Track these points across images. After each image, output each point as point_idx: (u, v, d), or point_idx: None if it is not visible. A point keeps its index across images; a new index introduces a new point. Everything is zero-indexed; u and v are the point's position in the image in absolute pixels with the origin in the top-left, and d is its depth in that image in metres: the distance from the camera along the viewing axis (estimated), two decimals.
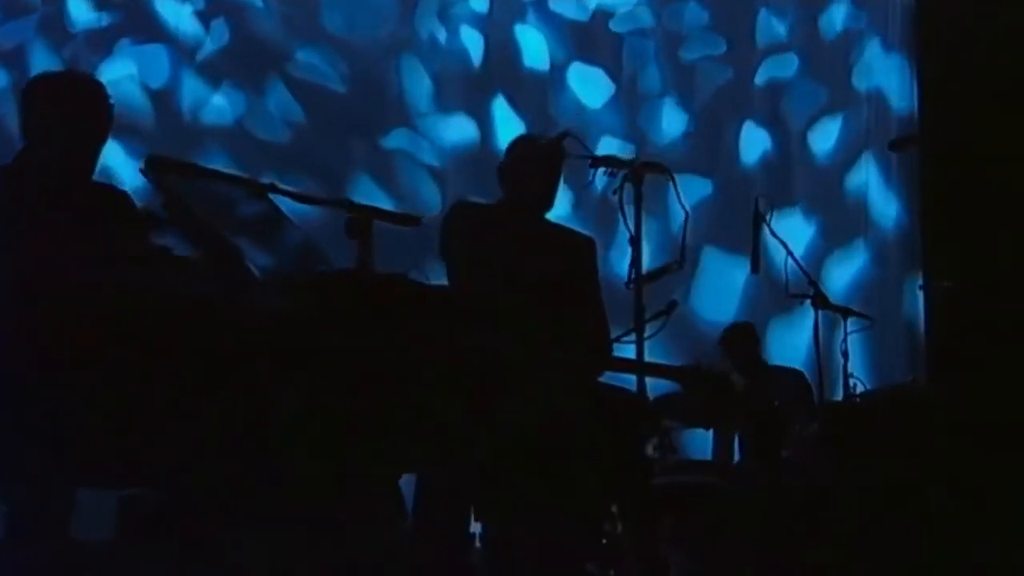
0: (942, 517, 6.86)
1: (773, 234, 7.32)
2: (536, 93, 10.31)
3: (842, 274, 10.31)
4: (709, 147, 10.45)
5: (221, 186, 4.50)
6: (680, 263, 5.38)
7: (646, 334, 5.11)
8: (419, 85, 10.01)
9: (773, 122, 10.65)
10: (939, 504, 6.84)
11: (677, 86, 10.56)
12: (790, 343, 9.36)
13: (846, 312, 7.65)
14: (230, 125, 9.54)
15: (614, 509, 7.18)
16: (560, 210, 5.77)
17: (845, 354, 7.46)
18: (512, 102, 10.26)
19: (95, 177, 4.90)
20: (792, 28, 10.79)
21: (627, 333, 5.48)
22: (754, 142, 10.56)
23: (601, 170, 5.19)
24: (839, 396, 7.63)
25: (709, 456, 8.16)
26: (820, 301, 7.45)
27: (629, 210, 5.12)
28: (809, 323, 7.46)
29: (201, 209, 4.43)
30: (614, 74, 10.53)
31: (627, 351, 5.14)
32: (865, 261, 10.44)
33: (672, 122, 10.48)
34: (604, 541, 5.94)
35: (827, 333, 7.54)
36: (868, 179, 10.55)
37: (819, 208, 10.50)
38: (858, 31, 10.81)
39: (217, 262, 4.30)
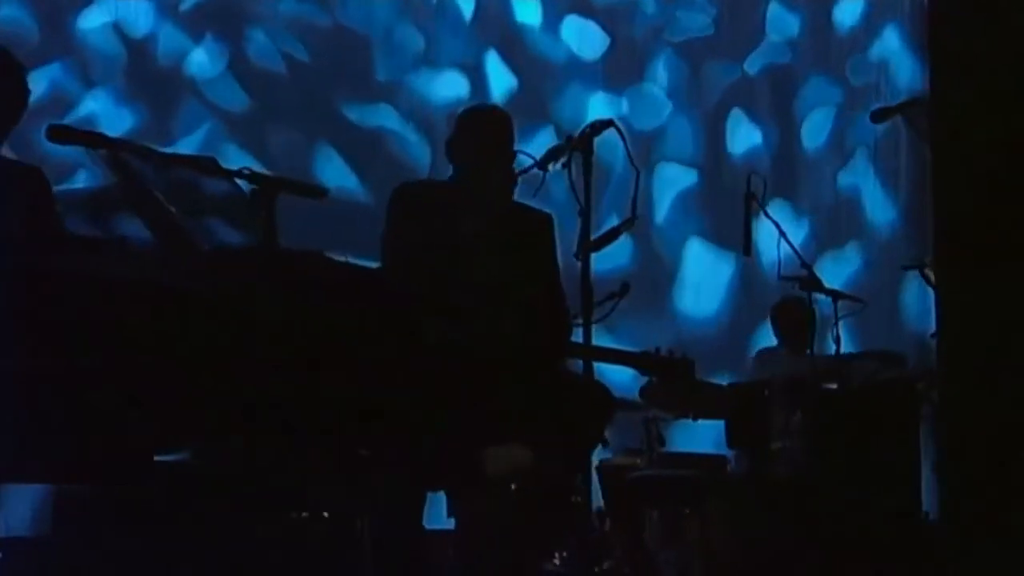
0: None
1: (766, 214, 7.13)
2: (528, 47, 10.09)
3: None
4: (695, 133, 10.26)
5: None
6: (631, 222, 5.11)
7: (595, 318, 4.92)
8: (410, 40, 9.79)
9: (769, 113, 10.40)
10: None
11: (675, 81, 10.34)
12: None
13: (837, 295, 7.31)
14: (211, 77, 9.34)
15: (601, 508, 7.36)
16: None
17: (837, 339, 7.22)
18: (505, 57, 10.03)
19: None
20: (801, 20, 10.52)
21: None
22: (745, 133, 10.32)
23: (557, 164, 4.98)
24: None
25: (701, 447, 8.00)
26: (812, 284, 7.24)
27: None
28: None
29: (162, 188, 4.33)
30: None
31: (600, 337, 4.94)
32: (859, 261, 10.20)
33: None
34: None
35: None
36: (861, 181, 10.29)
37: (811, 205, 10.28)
38: (868, 24, 10.52)
39: (166, 241, 4.20)
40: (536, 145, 5.28)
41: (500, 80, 9.92)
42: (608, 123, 4.97)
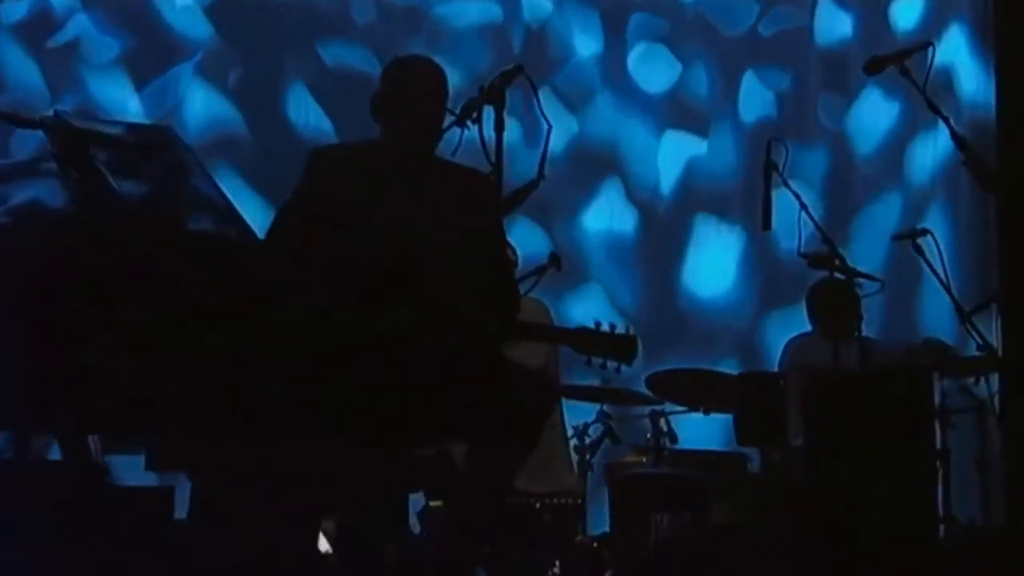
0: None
1: (786, 184, 6.64)
2: None
3: None
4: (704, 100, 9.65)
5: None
6: (537, 182, 4.88)
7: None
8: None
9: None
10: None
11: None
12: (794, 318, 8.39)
13: (853, 274, 6.60)
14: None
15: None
16: None
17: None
18: None
19: None
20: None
21: None
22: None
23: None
24: None
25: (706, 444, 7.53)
26: (835, 262, 6.64)
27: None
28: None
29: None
30: None
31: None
32: None
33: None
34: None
35: None
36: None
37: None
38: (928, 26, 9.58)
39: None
40: None
41: None
42: (518, 70, 4.66)
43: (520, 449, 4.55)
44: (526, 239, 8.95)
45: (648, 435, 7.02)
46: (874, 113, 9.40)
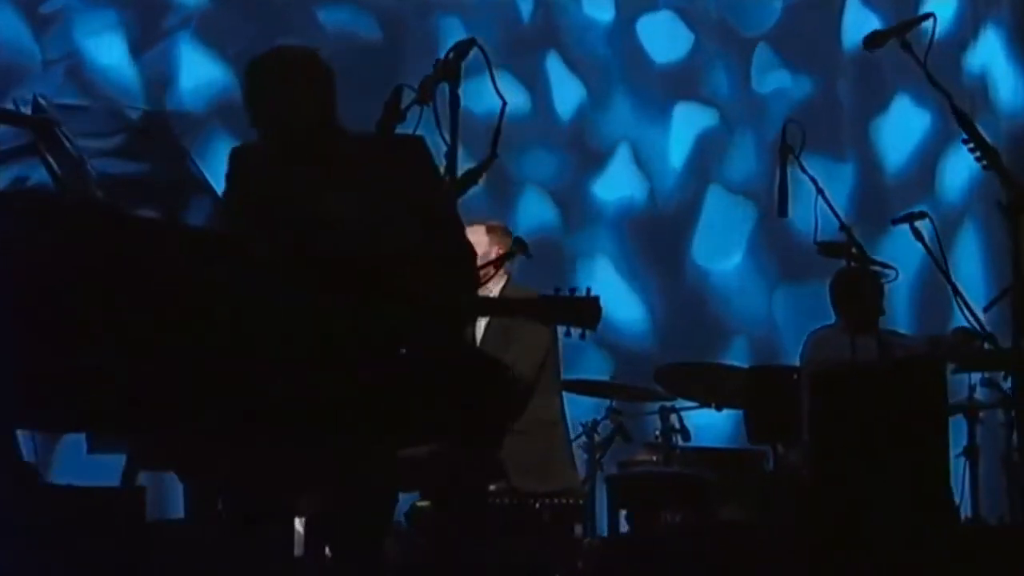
0: None
1: (803, 169, 6.26)
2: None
3: None
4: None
5: None
6: (491, 161, 4.50)
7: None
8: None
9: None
10: None
11: None
12: (809, 298, 8.19)
13: (871, 263, 6.34)
14: None
15: None
16: None
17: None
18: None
19: None
20: None
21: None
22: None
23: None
24: None
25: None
26: (840, 250, 6.31)
27: None
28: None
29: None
30: None
31: None
32: None
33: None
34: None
35: None
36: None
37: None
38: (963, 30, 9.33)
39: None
40: None
41: None
42: (471, 43, 4.44)
43: (480, 448, 4.26)
44: (534, 209, 9.06)
45: (656, 432, 6.78)
46: (905, 121, 9.19)
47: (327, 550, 4.58)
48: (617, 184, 9.14)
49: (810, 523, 5.46)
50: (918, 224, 6.22)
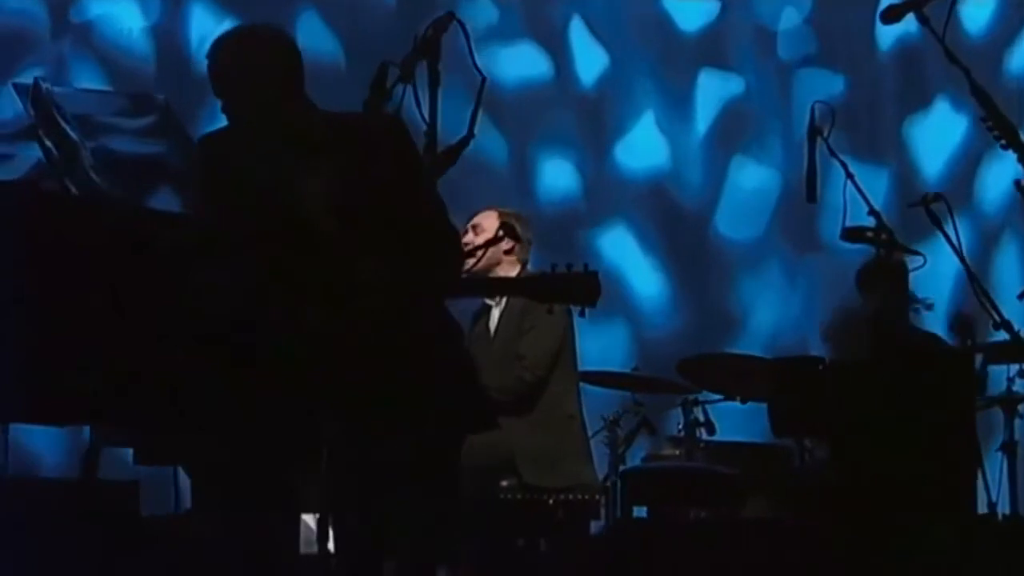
0: None
1: (831, 152, 6.11)
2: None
3: None
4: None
5: None
6: (468, 139, 4.37)
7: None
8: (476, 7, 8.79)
9: None
10: None
11: None
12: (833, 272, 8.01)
13: (899, 249, 6.14)
14: None
15: None
16: None
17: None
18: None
19: None
20: None
21: None
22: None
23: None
24: None
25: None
26: (881, 236, 6.04)
27: None
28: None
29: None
30: None
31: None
32: None
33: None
34: None
35: None
36: None
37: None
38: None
39: None
40: None
41: None
42: (449, 18, 4.35)
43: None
44: (555, 178, 8.90)
45: (679, 426, 6.61)
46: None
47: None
48: (640, 153, 8.98)
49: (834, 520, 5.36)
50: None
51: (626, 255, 8.79)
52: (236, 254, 3.89)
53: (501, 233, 5.57)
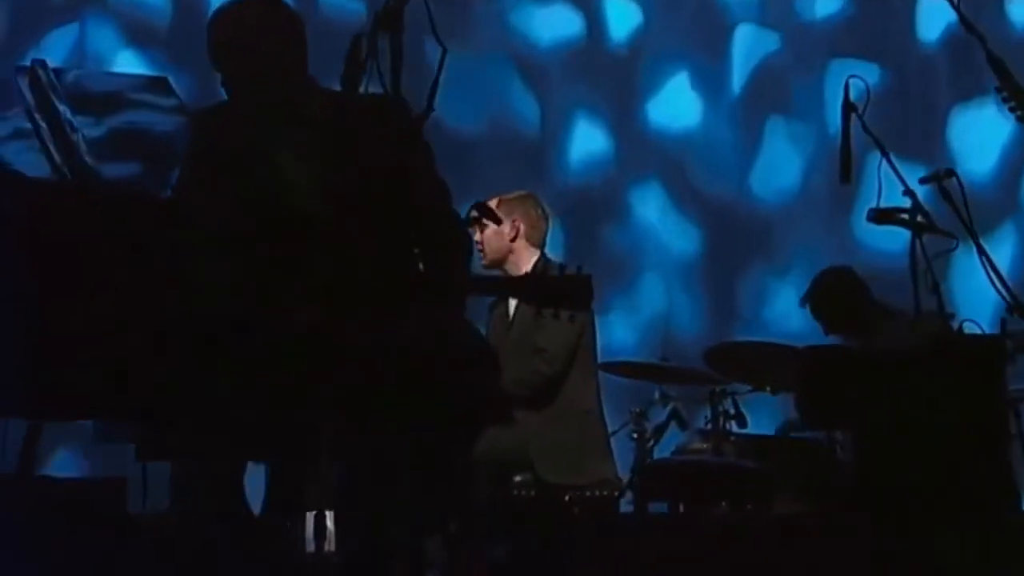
0: None
1: (865, 129, 5.88)
2: None
3: None
4: None
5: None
6: (427, 114, 4.06)
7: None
8: None
9: None
10: None
11: None
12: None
13: (930, 230, 5.86)
14: None
15: None
16: None
17: (935, 287, 5.76)
18: None
19: None
20: None
21: None
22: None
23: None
24: None
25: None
26: (919, 220, 5.84)
27: None
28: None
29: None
30: None
31: None
32: None
33: None
34: None
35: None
36: None
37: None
38: None
39: None
40: None
41: None
42: None
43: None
44: (586, 138, 8.79)
45: (706, 419, 6.43)
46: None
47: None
48: (673, 112, 8.86)
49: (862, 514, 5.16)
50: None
51: (658, 214, 8.69)
52: (222, 242, 3.78)
53: (475, 215, 5.41)
